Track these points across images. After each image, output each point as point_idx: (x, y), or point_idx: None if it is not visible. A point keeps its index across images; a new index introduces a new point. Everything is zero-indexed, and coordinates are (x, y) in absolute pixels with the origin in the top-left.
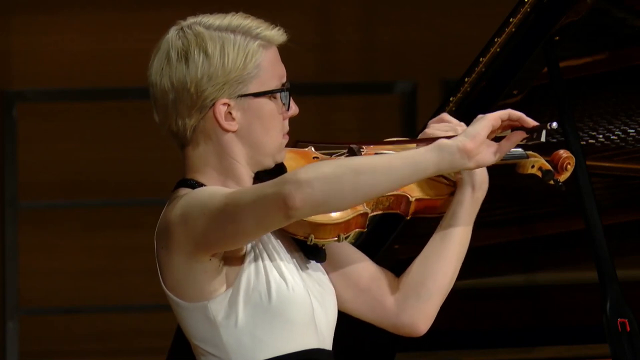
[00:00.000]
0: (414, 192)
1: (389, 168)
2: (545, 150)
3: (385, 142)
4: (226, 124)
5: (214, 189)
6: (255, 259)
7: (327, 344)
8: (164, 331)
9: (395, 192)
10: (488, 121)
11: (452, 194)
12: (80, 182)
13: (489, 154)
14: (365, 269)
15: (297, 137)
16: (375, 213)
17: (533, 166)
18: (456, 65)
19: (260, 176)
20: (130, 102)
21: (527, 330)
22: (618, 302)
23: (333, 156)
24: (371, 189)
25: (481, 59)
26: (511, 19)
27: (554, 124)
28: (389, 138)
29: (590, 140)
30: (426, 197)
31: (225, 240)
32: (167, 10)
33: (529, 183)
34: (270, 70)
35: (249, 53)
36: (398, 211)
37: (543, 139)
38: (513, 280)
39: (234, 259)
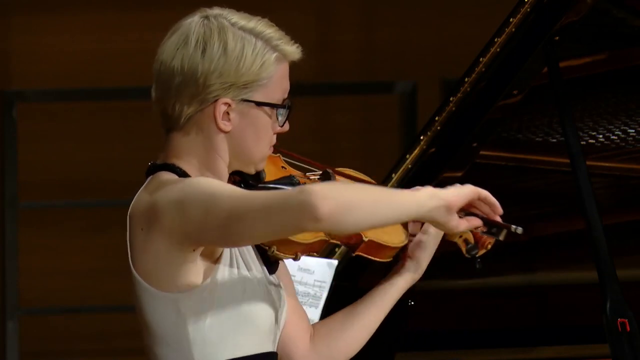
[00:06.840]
0: (369, 233)
1: (399, 203)
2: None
3: (354, 176)
4: (221, 124)
5: (215, 184)
6: (231, 261)
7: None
8: None
9: None
10: (472, 190)
11: (403, 248)
12: (80, 182)
13: (458, 221)
14: (292, 305)
15: (295, 138)
16: (332, 242)
17: (461, 236)
18: (456, 65)
19: (242, 176)
20: (130, 102)
21: (527, 330)
22: (618, 302)
23: (308, 176)
24: (381, 219)
25: (481, 59)
26: (511, 19)
27: (520, 229)
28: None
29: (590, 140)
30: (378, 241)
31: (225, 239)
32: (167, 10)
33: (529, 184)
34: (278, 83)
35: (265, 62)
36: (347, 243)
37: (502, 238)
38: (513, 280)
39: (211, 257)
